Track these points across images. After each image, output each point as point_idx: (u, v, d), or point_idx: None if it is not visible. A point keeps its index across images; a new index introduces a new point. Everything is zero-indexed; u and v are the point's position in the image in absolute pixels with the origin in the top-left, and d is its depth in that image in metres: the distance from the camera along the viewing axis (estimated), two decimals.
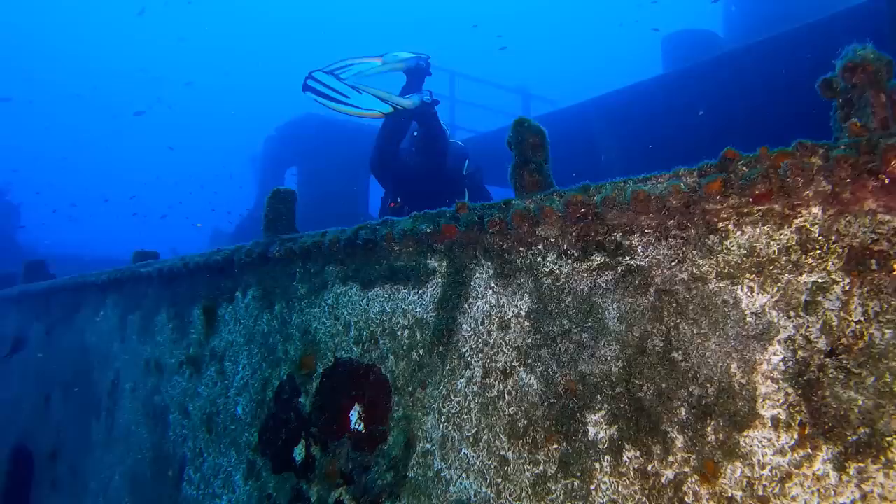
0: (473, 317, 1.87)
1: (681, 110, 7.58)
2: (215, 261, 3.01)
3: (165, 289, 3.45)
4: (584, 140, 8.46)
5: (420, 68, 4.93)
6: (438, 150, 4.92)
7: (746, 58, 7.17)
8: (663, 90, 8.07)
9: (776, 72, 6.79)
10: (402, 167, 4.96)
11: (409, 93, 4.80)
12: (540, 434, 1.68)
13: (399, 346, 2.07)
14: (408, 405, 2.01)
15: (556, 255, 1.72)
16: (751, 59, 7.09)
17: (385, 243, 2.16)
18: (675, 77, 8.33)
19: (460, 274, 1.93)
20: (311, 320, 2.43)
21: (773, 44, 6.83)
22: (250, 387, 2.69)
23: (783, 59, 6.67)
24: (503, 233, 1.84)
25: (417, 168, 4.96)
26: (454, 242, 1.97)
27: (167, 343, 3.33)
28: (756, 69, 7.01)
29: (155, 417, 3.30)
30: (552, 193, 1.76)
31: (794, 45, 6.54)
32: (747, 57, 7.16)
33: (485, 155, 6.92)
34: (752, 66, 7.10)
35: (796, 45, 6.51)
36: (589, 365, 1.61)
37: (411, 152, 5.11)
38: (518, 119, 1.91)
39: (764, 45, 6.98)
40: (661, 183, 1.56)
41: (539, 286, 1.74)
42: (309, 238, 2.50)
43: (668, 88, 8.03)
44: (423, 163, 4.95)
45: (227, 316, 2.92)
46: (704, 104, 7.32)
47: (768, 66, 6.90)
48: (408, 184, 4.91)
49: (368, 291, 2.22)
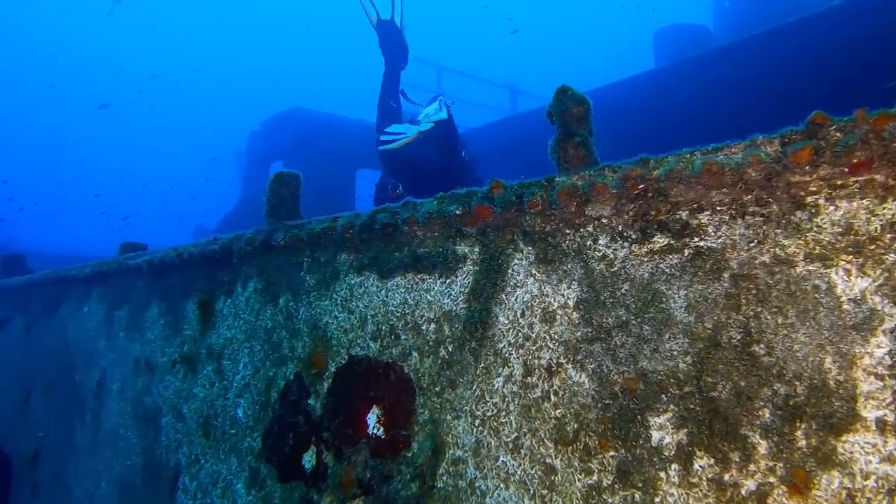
0: (512, 308, 1.69)
1: (677, 104, 7.46)
2: (212, 251, 2.79)
3: (157, 281, 3.22)
4: None
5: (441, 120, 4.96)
6: (452, 146, 5.00)
7: (740, 51, 7.05)
8: (659, 83, 7.95)
9: (772, 65, 6.68)
10: (411, 155, 4.94)
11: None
12: (593, 439, 1.50)
13: (424, 342, 1.88)
14: (435, 407, 1.82)
15: (610, 238, 1.54)
16: (745, 53, 6.98)
17: (407, 228, 1.96)
18: (670, 70, 8.21)
19: (495, 260, 1.74)
20: (321, 314, 2.23)
21: (770, 37, 6.73)
22: (252, 387, 2.48)
23: (782, 52, 6.56)
24: (546, 214, 1.65)
25: (426, 158, 4.94)
26: (487, 225, 1.77)
27: (158, 340, 3.11)
28: (749, 62, 6.90)
29: (145, 420, 3.08)
30: (603, 169, 1.58)
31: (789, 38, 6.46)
32: (741, 50, 7.05)
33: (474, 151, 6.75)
34: (745, 60, 6.99)
35: (791, 38, 6.43)
36: (651, 361, 1.43)
37: (419, 141, 5.03)
38: (560, 87, 1.72)
39: (760, 39, 6.87)
40: (735, 153, 1.38)
41: (589, 273, 1.56)
42: (318, 224, 2.29)
43: (664, 81, 7.91)
44: (435, 155, 4.94)
45: (226, 310, 2.70)
46: (699, 98, 7.20)
47: (764, 59, 6.79)
48: (412, 172, 4.87)
49: (387, 281, 2.02)
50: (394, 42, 5.07)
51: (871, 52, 5.72)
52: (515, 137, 9.14)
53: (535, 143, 8.33)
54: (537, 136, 8.76)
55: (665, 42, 12.11)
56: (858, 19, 5.96)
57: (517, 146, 8.69)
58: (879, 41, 5.70)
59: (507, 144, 9.26)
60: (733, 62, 7.18)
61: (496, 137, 9.85)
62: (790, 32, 6.64)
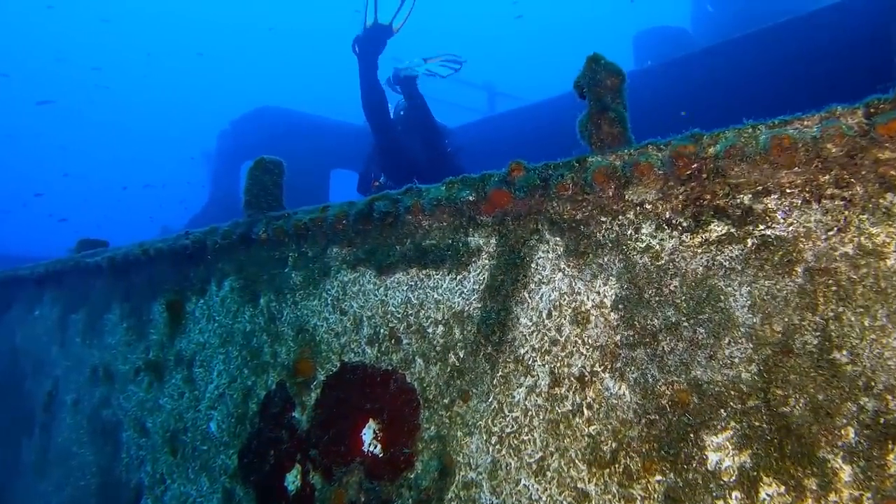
0: (536, 307, 1.48)
1: (660, 105, 7.39)
2: (183, 246, 2.52)
3: (118, 281, 2.93)
4: (560, 135, 8.15)
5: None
6: (425, 125, 5.07)
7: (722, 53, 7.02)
8: (641, 84, 7.88)
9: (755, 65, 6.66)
10: (396, 141, 5.03)
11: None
12: (635, 461, 1.29)
13: (430, 347, 1.66)
14: (443, 422, 1.60)
15: (655, 226, 1.34)
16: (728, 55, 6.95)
17: (410, 217, 1.74)
18: (652, 71, 8.17)
19: (516, 253, 1.53)
20: (308, 316, 1.99)
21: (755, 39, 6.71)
22: (228, 398, 2.22)
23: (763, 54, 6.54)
24: (577, 199, 1.45)
25: (406, 144, 5.04)
26: (506, 213, 1.56)
27: (120, 346, 2.82)
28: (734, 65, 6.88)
29: (104, 435, 2.78)
30: (646, 146, 1.38)
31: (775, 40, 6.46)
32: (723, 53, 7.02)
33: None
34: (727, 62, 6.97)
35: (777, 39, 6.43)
36: (707, 370, 1.23)
37: (400, 131, 5.19)
38: (592, 56, 1.53)
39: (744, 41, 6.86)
40: (809, 127, 1.20)
41: (631, 267, 1.36)
42: (305, 214, 2.05)
43: (646, 83, 7.85)
44: (411, 139, 5.07)
45: (198, 312, 2.44)
46: (683, 99, 7.13)
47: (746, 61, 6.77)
48: (391, 158, 4.83)
49: (387, 278, 1.79)
50: (372, 49, 4.98)
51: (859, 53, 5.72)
52: (494, 139, 8.99)
53: (515, 144, 8.17)
54: (517, 138, 8.65)
55: (645, 44, 12.14)
56: (842, 22, 5.96)
57: (495, 147, 8.52)
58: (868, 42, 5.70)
59: (484, 146, 9.10)
60: (717, 64, 7.14)
61: (473, 138, 9.70)
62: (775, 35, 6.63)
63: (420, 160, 4.97)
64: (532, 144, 8.31)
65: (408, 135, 5.14)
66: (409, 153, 4.99)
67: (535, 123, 8.23)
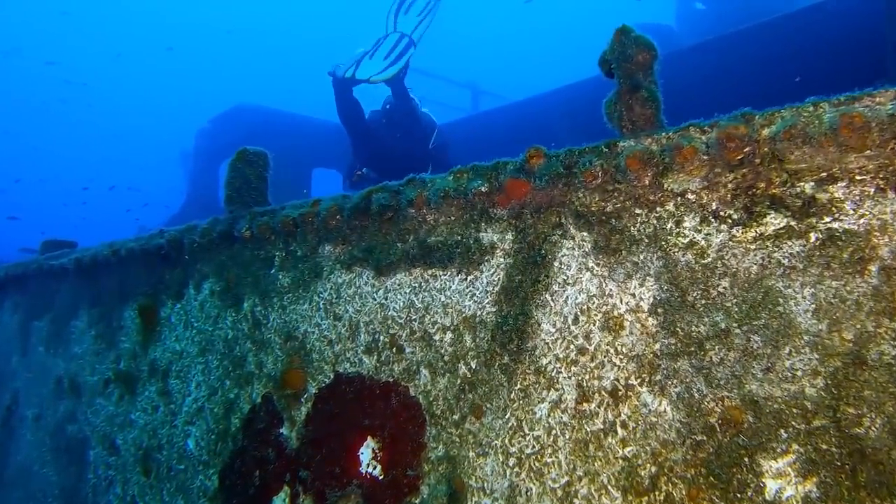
0: (560, 312, 1.31)
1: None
2: (157, 245, 2.32)
3: (86, 284, 2.71)
4: (543, 133, 8.06)
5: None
6: (408, 121, 5.09)
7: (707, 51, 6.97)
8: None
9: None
10: (375, 136, 5.07)
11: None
12: (679, 488, 1.14)
13: (437, 356, 1.49)
14: (452, 441, 1.43)
15: (700, 219, 1.19)
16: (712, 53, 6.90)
17: (413, 211, 1.57)
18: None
19: (536, 250, 1.37)
20: (297, 321, 1.81)
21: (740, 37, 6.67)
22: (207, 412, 2.02)
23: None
24: (607, 188, 1.29)
25: (387, 138, 5.06)
26: (524, 205, 1.40)
27: (88, 355, 2.60)
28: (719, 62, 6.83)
29: (68, 453, 2.56)
30: (687, 128, 1.23)
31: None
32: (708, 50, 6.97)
33: None
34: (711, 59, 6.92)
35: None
36: (764, 384, 1.08)
37: (382, 123, 5.19)
38: (621, 28, 1.37)
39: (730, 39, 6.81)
40: (882, 104, 1.05)
41: (671, 265, 1.20)
42: (294, 210, 1.87)
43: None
44: (392, 133, 5.10)
45: (174, 318, 2.24)
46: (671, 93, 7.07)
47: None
48: (377, 152, 4.78)
49: (387, 279, 1.62)
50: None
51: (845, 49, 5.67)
52: (478, 137, 8.84)
53: (499, 143, 8.03)
54: (501, 137, 8.51)
55: None
56: (827, 21, 5.93)
57: (479, 146, 8.38)
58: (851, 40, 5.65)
59: (468, 144, 8.95)
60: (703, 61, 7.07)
61: (462, 134, 9.55)
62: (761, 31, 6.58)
63: (399, 155, 4.96)
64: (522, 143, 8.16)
65: (391, 129, 5.13)
66: (387, 149, 5.00)
67: (523, 121, 8.10)
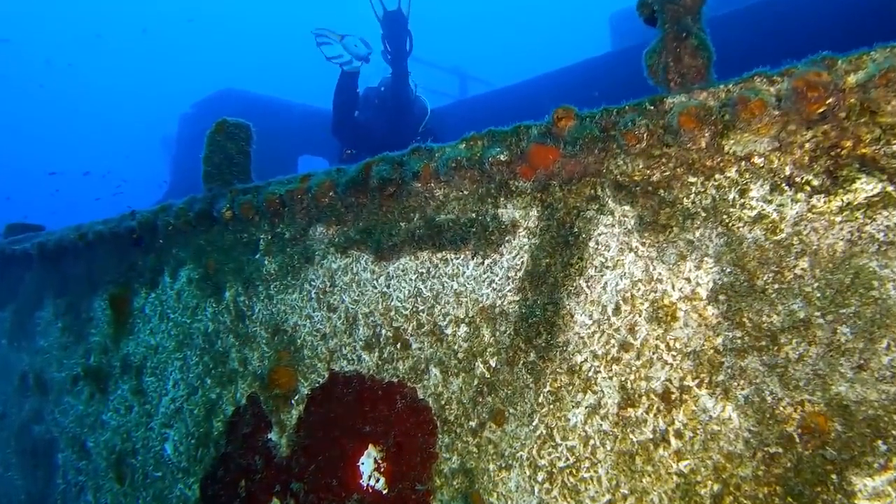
0: (597, 301, 1.12)
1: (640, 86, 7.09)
2: (128, 228, 2.10)
3: (51, 272, 2.48)
4: (531, 117, 7.79)
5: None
6: (398, 102, 5.01)
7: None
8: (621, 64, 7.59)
9: None
10: (362, 122, 5.01)
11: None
12: None
13: (450, 353, 1.29)
14: (469, 451, 1.24)
15: (770, 187, 0.99)
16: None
17: (419, 185, 1.36)
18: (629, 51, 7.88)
19: (567, 228, 1.17)
20: (286, 312, 1.60)
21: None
22: (186, 414, 1.83)
23: None
24: (654, 153, 1.09)
25: (378, 121, 4.97)
26: (552, 175, 1.20)
27: (55, 349, 2.38)
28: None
29: (34, 457, 2.36)
30: (752, 78, 1.03)
31: None
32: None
33: None
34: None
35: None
36: (856, 385, 0.90)
37: (374, 105, 5.09)
38: None
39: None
40: None
41: (735, 243, 1.01)
42: (281, 186, 1.66)
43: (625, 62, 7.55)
44: (383, 114, 5.01)
45: (148, 308, 2.03)
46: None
47: None
48: (366, 136, 4.86)
49: (389, 264, 1.42)
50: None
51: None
52: (469, 121, 8.61)
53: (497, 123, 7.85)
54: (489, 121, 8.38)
55: (622, 24, 11.92)
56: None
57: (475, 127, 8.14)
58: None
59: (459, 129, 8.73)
60: None
61: (447, 121, 9.34)
62: None
63: (387, 135, 4.90)
64: None
65: (382, 109, 5.08)
66: (374, 129, 4.95)
67: (514, 105, 7.87)
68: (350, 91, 4.86)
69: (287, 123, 10.51)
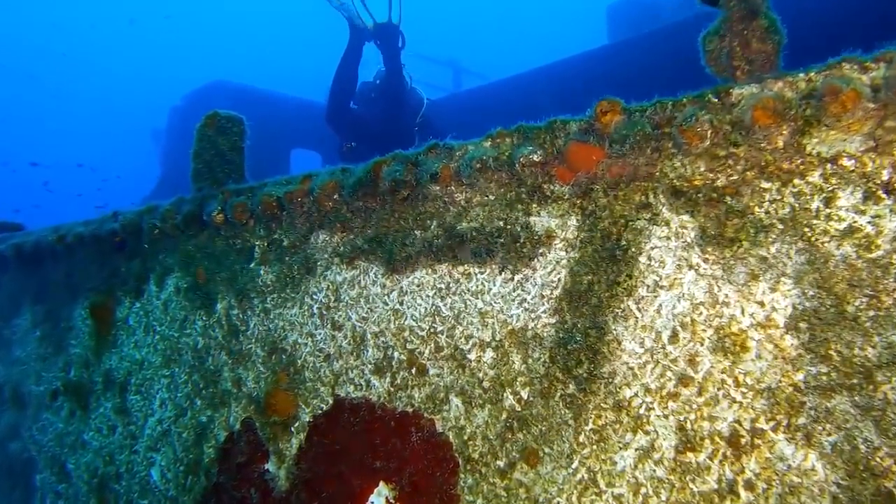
0: (650, 326, 0.97)
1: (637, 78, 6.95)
2: (111, 231, 1.94)
3: (29, 276, 2.32)
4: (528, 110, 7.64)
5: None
6: (395, 94, 5.01)
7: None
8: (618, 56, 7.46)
9: None
10: (359, 114, 5.00)
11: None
12: None
13: (473, 381, 1.14)
14: (496, 494, 1.09)
15: (864, 195, 0.84)
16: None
17: (437, 188, 1.21)
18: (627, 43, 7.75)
19: (613, 240, 1.02)
20: (285, 329, 1.45)
21: None
22: (175, 437, 1.67)
23: None
24: (719, 154, 0.94)
25: (375, 114, 4.96)
26: (595, 179, 1.05)
27: (32, 360, 2.22)
28: None
29: (11, 476, 2.20)
30: (838, 64, 0.87)
31: None
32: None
33: None
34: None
35: None
36: None
37: (371, 98, 5.11)
38: None
39: None
40: None
41: (819, 261, 0.86)
42: (279, 187, 1.50)
43: (623, 54, 7.41)
44: (381, 109, 5.01)
45: (132, 319, 1.87)
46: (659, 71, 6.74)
47: None
48: (362, 129, 4.82)
49: (402, 278, 1.26)
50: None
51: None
52: (460, 117, 8.47)
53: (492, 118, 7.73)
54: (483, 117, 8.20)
55: (619, 16, 11.80)
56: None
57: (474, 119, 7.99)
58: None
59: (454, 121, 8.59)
60: None
61: (442, 113, 9.19)
62: None
63: (383, 127, 4.90)
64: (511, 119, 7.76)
65: (379, 102, 5.08)
66: (370, 122, 4.92)
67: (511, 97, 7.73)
68: (355, 57, 4.77)
69: (279, 116, 10.36)
